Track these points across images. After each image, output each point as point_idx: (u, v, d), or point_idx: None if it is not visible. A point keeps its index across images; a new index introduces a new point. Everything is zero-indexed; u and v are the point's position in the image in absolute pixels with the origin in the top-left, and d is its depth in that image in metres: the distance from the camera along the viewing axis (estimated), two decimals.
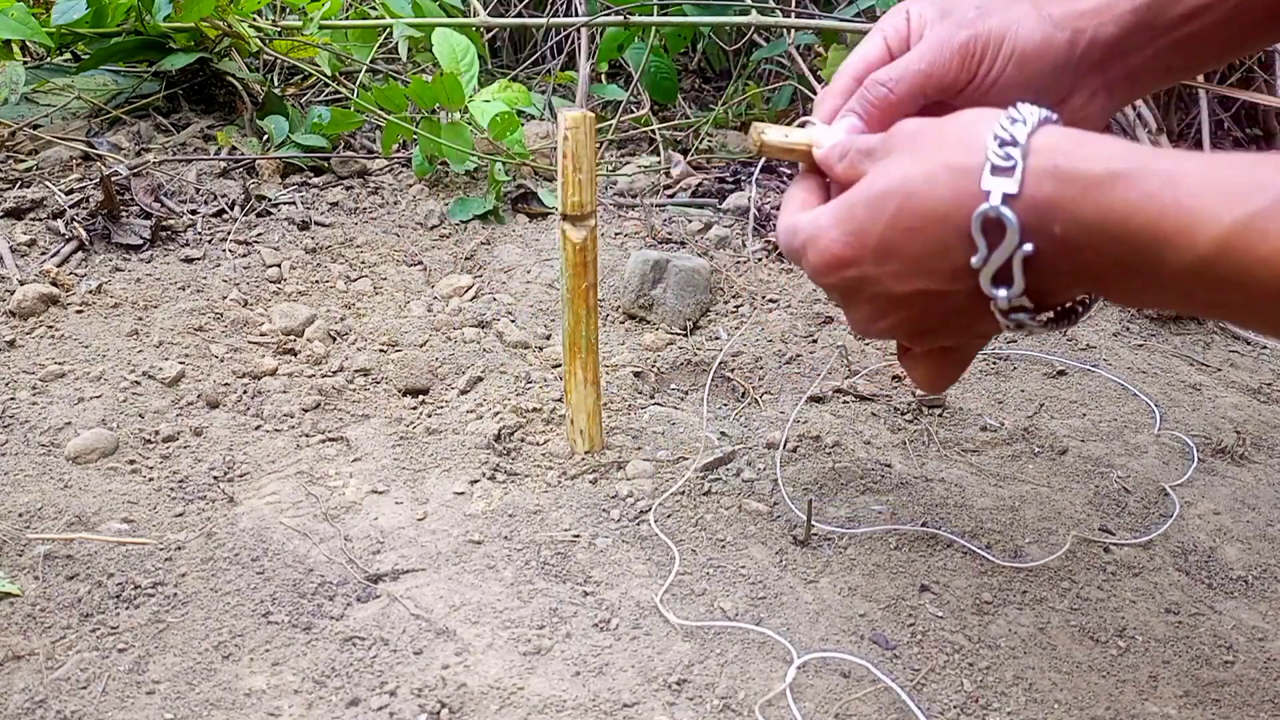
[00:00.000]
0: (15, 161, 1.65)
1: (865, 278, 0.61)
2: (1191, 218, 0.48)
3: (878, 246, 0.59)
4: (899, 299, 0.61)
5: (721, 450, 1.11)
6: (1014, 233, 0.53)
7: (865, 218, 0.59)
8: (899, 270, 0.59)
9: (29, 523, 0.95)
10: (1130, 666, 0.86)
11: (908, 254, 0.58)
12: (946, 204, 0.56)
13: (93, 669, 0.80)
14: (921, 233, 0.57)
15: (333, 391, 1.19)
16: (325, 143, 1.79)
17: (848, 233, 0.60)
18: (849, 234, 0.60)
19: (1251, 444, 1.20)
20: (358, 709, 0.77)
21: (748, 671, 0.83)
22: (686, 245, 1.60)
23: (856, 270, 0.61)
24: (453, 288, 1.45)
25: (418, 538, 0.97)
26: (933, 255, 0.57)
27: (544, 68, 2.48)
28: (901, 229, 0.58)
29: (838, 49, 1.95)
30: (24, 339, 1.24)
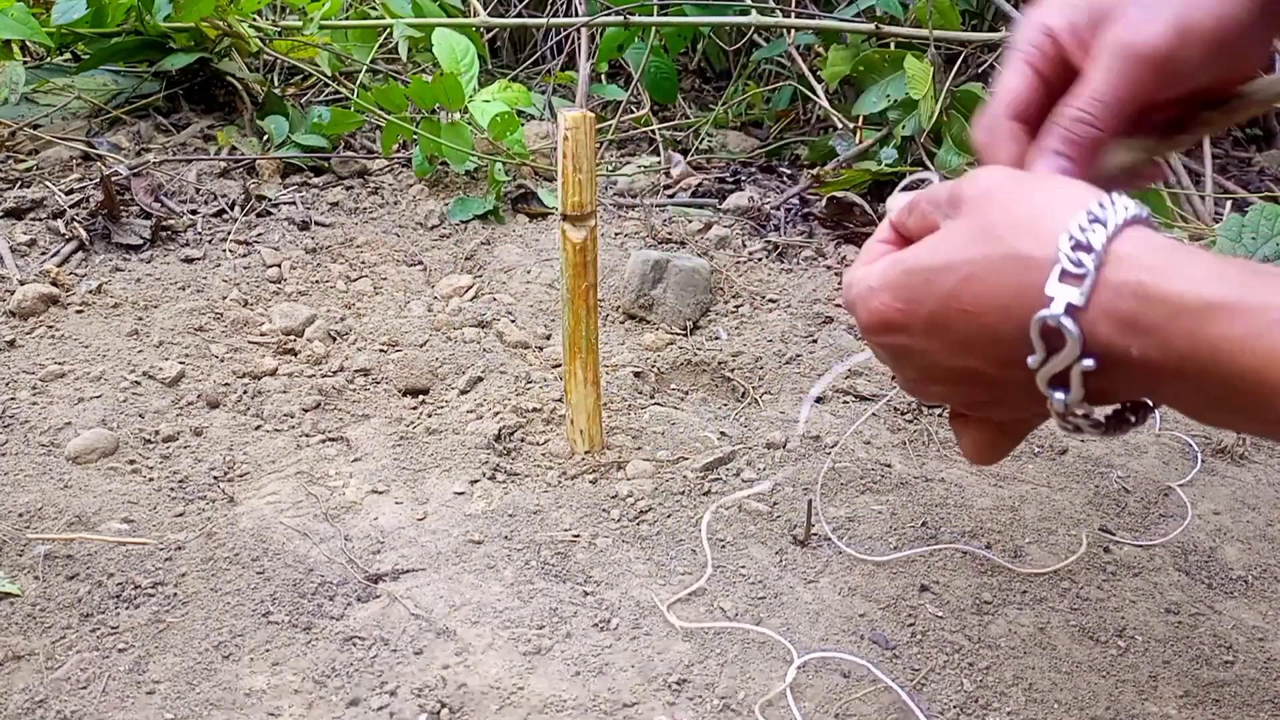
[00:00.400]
0: (15, 161, 1.65)
1: (911, 345, 0.58)
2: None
3: (930, 319, 0.55)
4: (948, 371, 0.57)
5: (721, 450, 1.11)
6: (1074, 345, 0.50)
7: (920, 287, 0.56)
8: (950, 347, 0.56)
9: (29, 523, 0.95)
10: (1130, 666, 0.86)
11: (961, 334, 0.55)
12: (1008, 296, 0.52)
13: (93, 669, 0.80)
14: (978, 318, 0.53)
15: (333, 391, 1.19)
16: (325, 143, 1.79)
17: (900, 299, 0.56)
18: (902, 301, 0.56)
19: (1251, 444, 1.20)
20: (358, 709, 0.77)
21: (748, 671, 0.83)
22: (686, 245, 1.60)
23: (906, 338, 0.57)
24: (453, 288, 1.45)
25: (418, 538, 0.97)
26: (987, 341, 0.54)
27: (544, 68, 2.48)
28: (957, 309, 0.54)
29: (838, 49, 1.95)
30: (24, 339, 1.24)
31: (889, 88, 1.83)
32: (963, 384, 0.58)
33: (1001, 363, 0.54)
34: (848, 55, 1.91)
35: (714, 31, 2.42)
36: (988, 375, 0.56)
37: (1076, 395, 0.52)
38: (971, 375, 0.57)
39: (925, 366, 0.58)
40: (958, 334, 0.55)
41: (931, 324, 0.55)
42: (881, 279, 0.58)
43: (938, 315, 0.55)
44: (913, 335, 0.57)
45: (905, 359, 0.59)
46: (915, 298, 0.56)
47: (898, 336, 0.58)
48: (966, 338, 0.55)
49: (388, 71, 2.11)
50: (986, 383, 0.57)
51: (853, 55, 1.90)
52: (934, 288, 0.55)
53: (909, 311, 0.56)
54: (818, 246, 1.66)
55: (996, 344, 0.54)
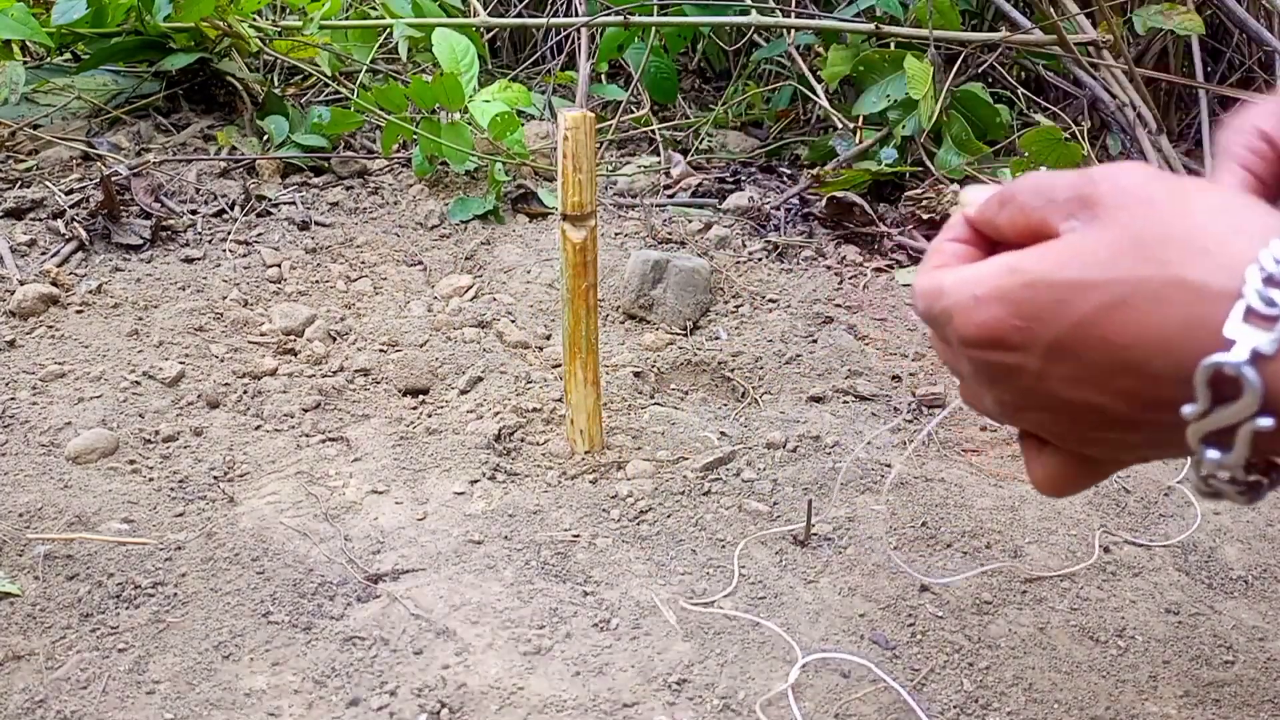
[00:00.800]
0: (15, 161, 1.65)
1: (1024, 367, 0.48)
2: None
3: (1056, 343, 0.46)
4: (1062, 403, 0.48)
5: (721, 450, 1.11)
6: (1253, 400, 0.42)
7: (1049, 306, 0.46)
8: (1074, 376, 0.47)
9: (29, 523, 0.95)
10: (1130, 666, 0.86)
11: (1095, 365, 0.46)
12: (1172, 332, 0.43)
13: (93, 669, 0.80)
14: (1124, 351, 0.45)
15: (333, 391, 1.19)
16: (325, 143, 1.79)
17: (1020, 316, 0.47)
18: (1021, 318, 0.47)
19: None
20: (358, 709, 0.77)
21: (748, 671, 0.83)
22: (686, 245, 1.60)
23: (1017, 357, 0.48)
24: (453, 288, 1.45)
25: (418, 538, 0.97)
26: (1130, 377, 0.45)
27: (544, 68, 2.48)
28: (1097, 336, 0.45)
29: (838, 49, 1.95)
30: (24, 339, 1.24)
31: (889, 88, 1.83)
32: (1075, 419, 0.49)
33: (1143, 404, 0.46)
34: (848, 55, 1.91)
35: (714, 31, 2.42)
36: (1115, 414, 0.47)
37: (1239, 456, 0.44)
38: (1092, 411, 0.48)
39: (1030, 393, 0.49)
40: (1091, 365, 0.46)
41: (1058, 349, 0.47)
42: (993, 289, 0.48)
43: (1068, 341, 0.46)
44: (1028, 358, 0.48)
45: (1007, 381, 0.50)
46: (1040, 317, 0.47)
47: (1008, 356, 0.49)
48: (1102, 370, 0.46)
49: (388, 71, 2.11)
50: (1108, 422, 0.48)
51: (853, 55, 1.90)
52: (1068, 309, 0.46)
53: (1030, 332, 0.47)
54: (818, 246, 1.66)
55: (1142, 382, 0.45)
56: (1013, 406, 0.51)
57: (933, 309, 0.52)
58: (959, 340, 0.50)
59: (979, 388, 0.53)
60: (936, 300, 0.51)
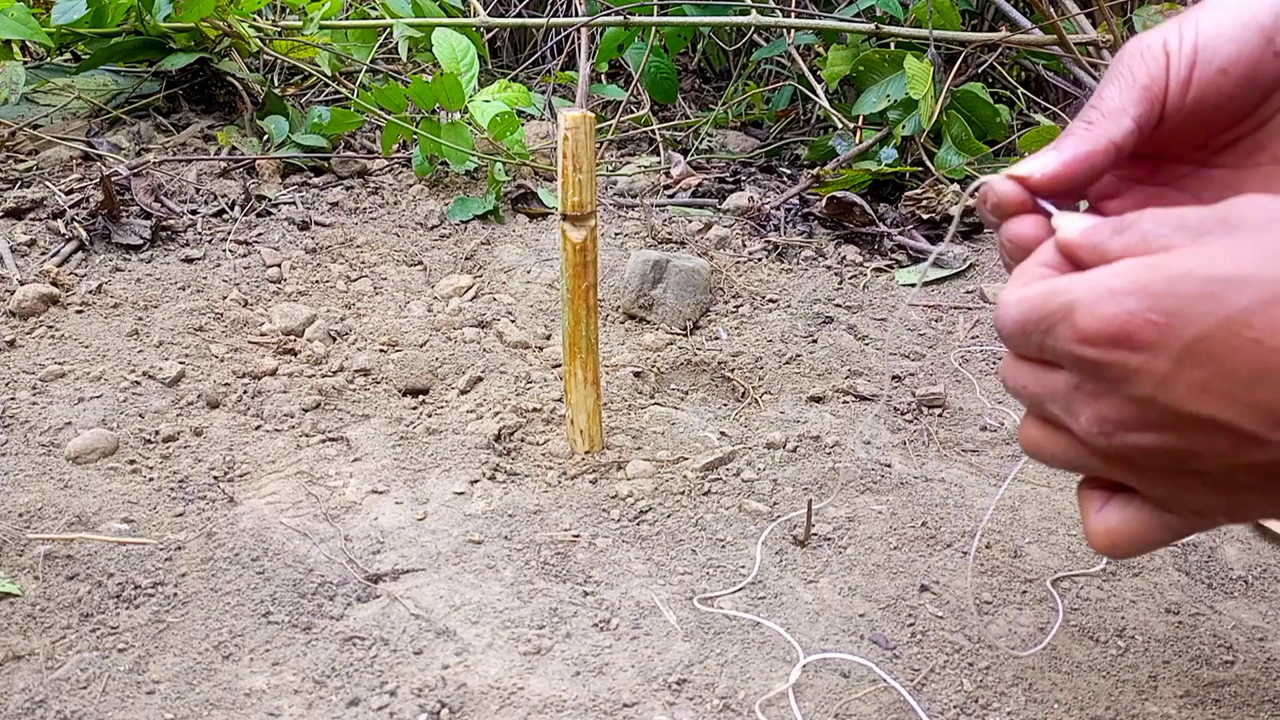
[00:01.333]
0: (15, 161, 1.65)
1: (1148, 372, 0.43)
2: None
3: (1194, 343, 0.42)
4: (1179, 417, 0.43)
5: (721, 450, 1.11)
6: None
7: (1192, 299, 0.42)
8: (1205, 383, 0.42)
9: (29, 523, 0.95)
10: (1130, 666, 0.86)
11: (1235, 371, 0.41)
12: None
13: (93, 669, 0.80)
14: (1273, 354, 0.40)
15: (333, 391, 1.19)
16: (325, 143, 1.79)
17: (1158, 311, 0.42)
18: (1160, 313, 0.42)
19: None
20: (358, 709, 0.77)
21: (748, 671, 0.83)
22: (686, 245, 1.60)
23: (1143, 358, 0.43)
24: (453, 288, 1.45)
25: (418, 538, 0.97)
26: (1274, 387, 0.41)
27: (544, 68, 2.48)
28: (1248, 337, 0.40)
29: (838, 49, 1.95)
30: (24, 339, 1.24)
31: (889, 88, 1.83)
32: (1191, 438, 0.44)
33: (1277, 423, 0.41)
34: (848, 55, 1.91)
35: (714, 31, 2.42)
36: (1239, 434, 0.42)
37: None
38: (1214, 430, 0.43)
39: (1146, 404, 0.44)
40: (1230, 371, 0.41)
41: (1194, 350, 0.42)
42: (1133, 282, 0.43)
43: (1208, 340, 0.42)
44: (1155, 357, 0.43)
45: (1119, 390, 0.44)
46: (1183, 313, 0.42)
47: (1132, 357, 0.43)
48: (1243, 378, 0.41)
49: (388, 71, 2.11)
50: (1227, 446, 0.43)
51: (853, 55, 1.90)
52: (1216, 304, 0.41)
53: (1166, 328, 0.42)
54: (818, 246, 1.66)
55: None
56: (1114, 425, 0.46)
57: (1046, 308, 0.46)
58: (1075, 337, 0.45)
59: (1075, 404, 0.47)
60: (1052, 298, 0.46)
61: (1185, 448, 0.44)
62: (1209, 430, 0.43)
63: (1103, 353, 0.44)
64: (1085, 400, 0.46)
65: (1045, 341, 0.46)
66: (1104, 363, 0.44)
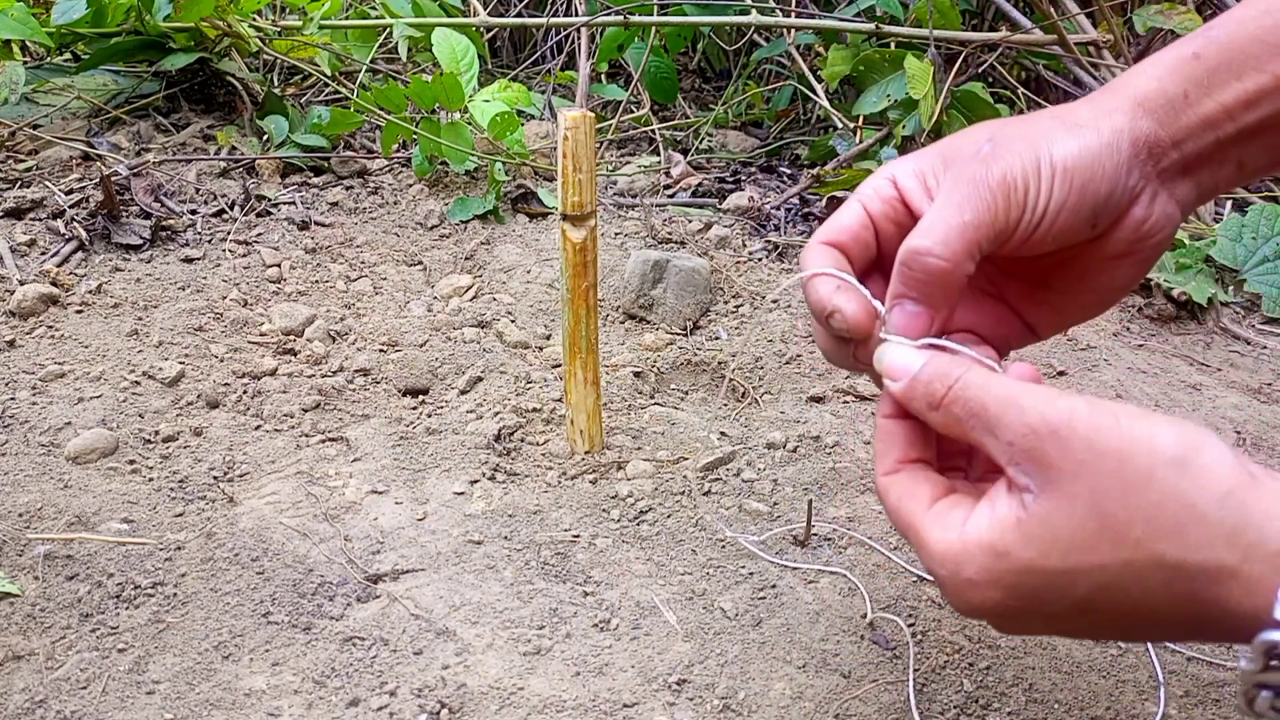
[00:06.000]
0: (15, 161, 1.65)
1: (1039, 619, 0.52)
2: None
3: (1060, 615, 0.50)
4: (1093, 624, 0.51)
5: (721, 450, 1.11)
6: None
7: (1041, 589, 0.49)
8: (1102, 625, 0.51)
9: (29, 523, 0.95)
10: (1130, 667, 0.86)
11: (1103, 621, 0.49)
12: (1168, 604, 0.46)
13: (93, 669, 0.80)
14: (1128, 617, 0.48)
15: (333, 391, 1.19)
16: (325, 143, 1.79)
17: (1015, 597, 0.50)
18: (1016, 598, 0.50)
19: (1251, 444, 1.20)
20: (358, 709, 0.77)
21: (748, 671, 0.83)
22: (686, 245, 1.60)
23: (1024, 621, 0.52)
24: (453, 288, 1.45)
25: (418, 538, 0.97)
26: (1143, 627, 0.49)
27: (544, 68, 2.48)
28: (1097, 611, 0.49)
29: (838, 49, 1.95)
30: (24, 339, 1.24)
31: (889, 87, 1.83)
32: (1112, 627, 0.52)
33: (1163, 633, 0.50)
34: (848, 55, 1.91)
35: (714, 31, 2.42)
36: (1160, 624, 0.49)
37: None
38: (1134, 626, 0.51)
39: (1053, 620, 0.52)
40: (1099, 621, 0.50)
41: (1061, 617, 0.50)
42: (983, 572, 0.51)
43: (1070, 613, 0.49)
44: (1034, 620, 0.51)
45: (1019, 619, 0.52)
46: (1039, 598, 0.50)
47: (1015, 620, 0.52)
48: (1112, 624, 0.50)
49: (388, 71, 2.11)
50: (1152, 627, 0.50)
51: (853, 55, 1.90)
52: (1060, 595, 0.49)
53: (1029, 609, 0.50)
54: None
55: (1156, 628, 0.49)
56: (1038, 631, 0.54)
57: (922, 560, 0.54)
58: (946, 600, 0.54)
59: (995, 620, 0.54)
60: (921, 554, 0.54)
61: (1114, 625, 0.51)
62: (1134, 626, 0.50)
63: (987, 617, 0.53)
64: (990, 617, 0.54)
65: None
66: (990, 616, 0.53)
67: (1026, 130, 0.58)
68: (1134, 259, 0.61)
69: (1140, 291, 1.57)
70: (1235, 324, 1.53)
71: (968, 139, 0.61)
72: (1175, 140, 0.59)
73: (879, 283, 0.63)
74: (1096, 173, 0.57)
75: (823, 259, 0.61)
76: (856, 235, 0.62)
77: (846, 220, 0.62)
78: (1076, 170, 0.56)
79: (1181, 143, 0.59)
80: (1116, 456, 0.47)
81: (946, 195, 0.57)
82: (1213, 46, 0.59)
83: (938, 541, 0.53)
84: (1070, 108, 0.60)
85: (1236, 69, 0.58)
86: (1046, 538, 0.48)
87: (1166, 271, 1.58)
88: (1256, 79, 0.58)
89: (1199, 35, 0.60)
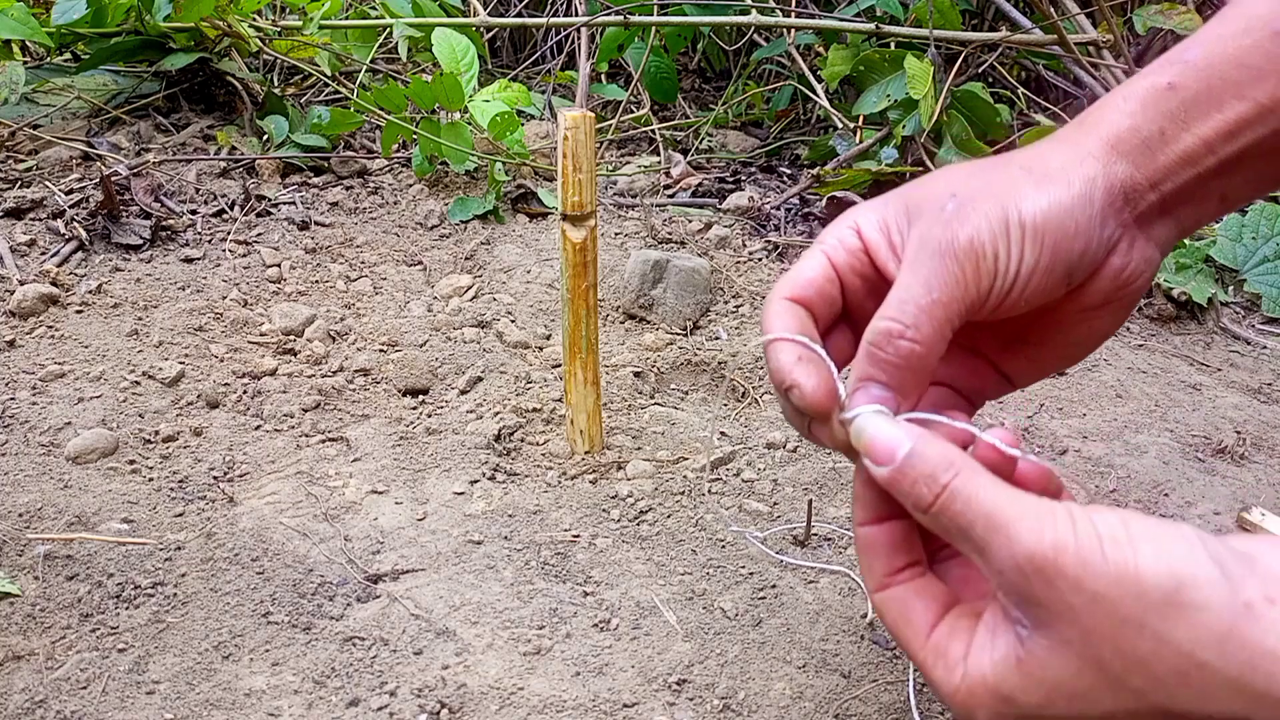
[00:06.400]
0: (15, 161, 1.65)
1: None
2: None
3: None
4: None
5: (721, 450, 1.11)
6: None
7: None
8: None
9: (29, 523, 0.95)
10: None
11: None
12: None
13: (93, 669, 0.80)
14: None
15: (333, 391, 1.19)
16: (325, 143, 1.79)
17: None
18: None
19: (1251, 444, 1.20)
20: (358, 709, 0.77)
21: (748, 671, 0.83)
22: (686, 245, 1.60)
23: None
24: (453, 288, 1.45)
25: (418, 538, 0.97)
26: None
27: (544, 68, 2.48)
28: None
29: (838, 49, 1.95)
30: (24, 339, 1.24)
31: (889, 87, 1.83)
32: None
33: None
34: (848, 55, 1.91)
35: (714, 31, 2.42)
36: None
37: None
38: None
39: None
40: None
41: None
42: (987, 712, 0.49)
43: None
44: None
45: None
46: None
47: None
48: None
49: (388, 71, 2.11)
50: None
51: (853, 55, 1.90)
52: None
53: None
54: None
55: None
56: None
57: (923, 671, 0.52)
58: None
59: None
60: (927, 681, 0.52)
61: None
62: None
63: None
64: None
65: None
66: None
67: (993, 184, 0.55)
68: (1113, 307, 0.59)
69: None
70: (1235, 324, 1.53)
71: (931, 190, 0.57)
72: (1153, 181, 0.56)
73: (845, 334, 0.61)
74: (1069, 229, 0.54)
75: (786, 319, 0.57)
76: (822, 290, 0.58)
77: (811, 273, 0.58)
78: (1047, 229, 0.53)
79: (1159, 183, 0.56)
80: (1105, 601, 0.44)
81: (913, 268, 0.54)
82: (1190, 74, 0.55)
83: (943, 682, 0.51)
84: (1040, 153, 0.57)
85: (1216, 98, 0.55)
86: (1049, 683, 0.46)
87: (1166, 271, 1.58)
88: (1237, 108, 0.54)
89: (1175, 60, 0.56)
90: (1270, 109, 0.54)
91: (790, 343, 0.56)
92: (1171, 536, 0.45)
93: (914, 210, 0.56)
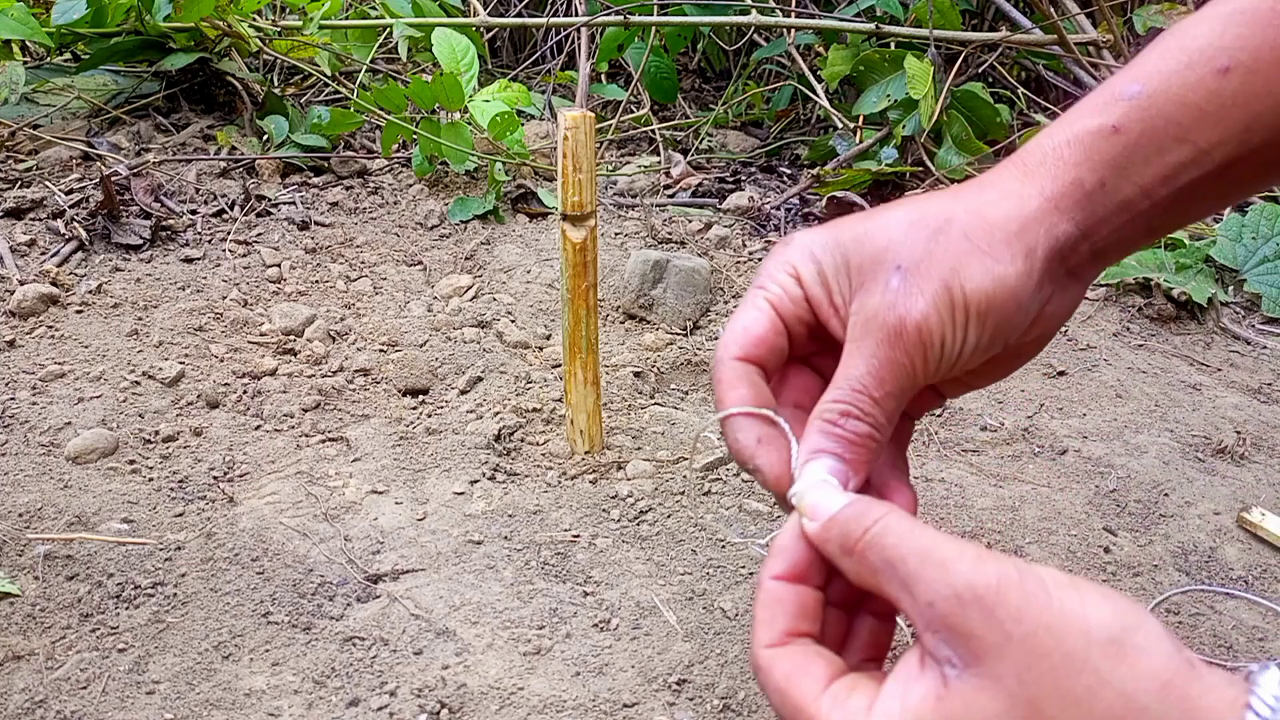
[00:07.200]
0: (15, 161, 1.65)
1: None
2: None
3: None
4: None
5: (721, 450, 1.11)
6: None
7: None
8: None
9: (29, 523, 0.95)
10: None
11: None
12: None
13: (93, 669, 0.80)
14: None
15: (333, 391, 1.19)
16: (325, 143, 1.79)
17: None
18: None
19: (1251, 444, 1.20)
20: (358, 709, 0.77)
21: (748, 671, 0.83)
22: (686, 245, 1.60)
23: None
24: (453, 288, 1.45)
25: (418, 538, 0.97)
26: None
27: (544, 68, 2.48)
28: None
29: (838, 49, 1.95)
30: (24, 339, 1.24)
31: (889, 87, 1.83)
32: None
33: None
34: (848, 55, 1.91)
35: (714, 31, 2.42)
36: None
37: None
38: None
39: None
40: None
41: None
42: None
43: None
44: None
45: None
46: None
47: None
48: None
49: (388, 71, 2.11)
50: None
51: (853, 55, 1.90)
52: None
53: None
54: None
55: None
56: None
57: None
58: None
59: None
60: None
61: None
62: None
63: None
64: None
65: None
66: None
67: (935, 253, 0.54)
68: (1038, 341, 0.59)
69: (1140, 291, 1.57)
70: (1235, 324, 1.53)
71: (871, 248, 0.56)
72: (1088, 233, 0.56)
73: (792, 376, 0.61)
74: (1010, 308, 0.54)
75: (741, 390, 0.57)
76: (772, 346, 0.57)
77: (759, 330, 0.57)
78: (990, 310, 0.54)
79: (1093, 233, 0.56)
80: (1047, 633, 0.43)
81: (860, 351, 0.54)
82: (1133, 114, 0.54)
83: (841, 709, 0.48)
84: (979, 209, 0.56)
85: (1158, 143, 0.54)
86: (960, 714, 0.44)
87: (1166, 271, 1.58)
88: (1178, 152, 0.54)
89: (1118, 97, 0.55)
90: (1207, 152, 0.54)
91: (750, 419, 0.56)
92: (1119, 594, 0.44)
93: (855, 271, 0.56)
